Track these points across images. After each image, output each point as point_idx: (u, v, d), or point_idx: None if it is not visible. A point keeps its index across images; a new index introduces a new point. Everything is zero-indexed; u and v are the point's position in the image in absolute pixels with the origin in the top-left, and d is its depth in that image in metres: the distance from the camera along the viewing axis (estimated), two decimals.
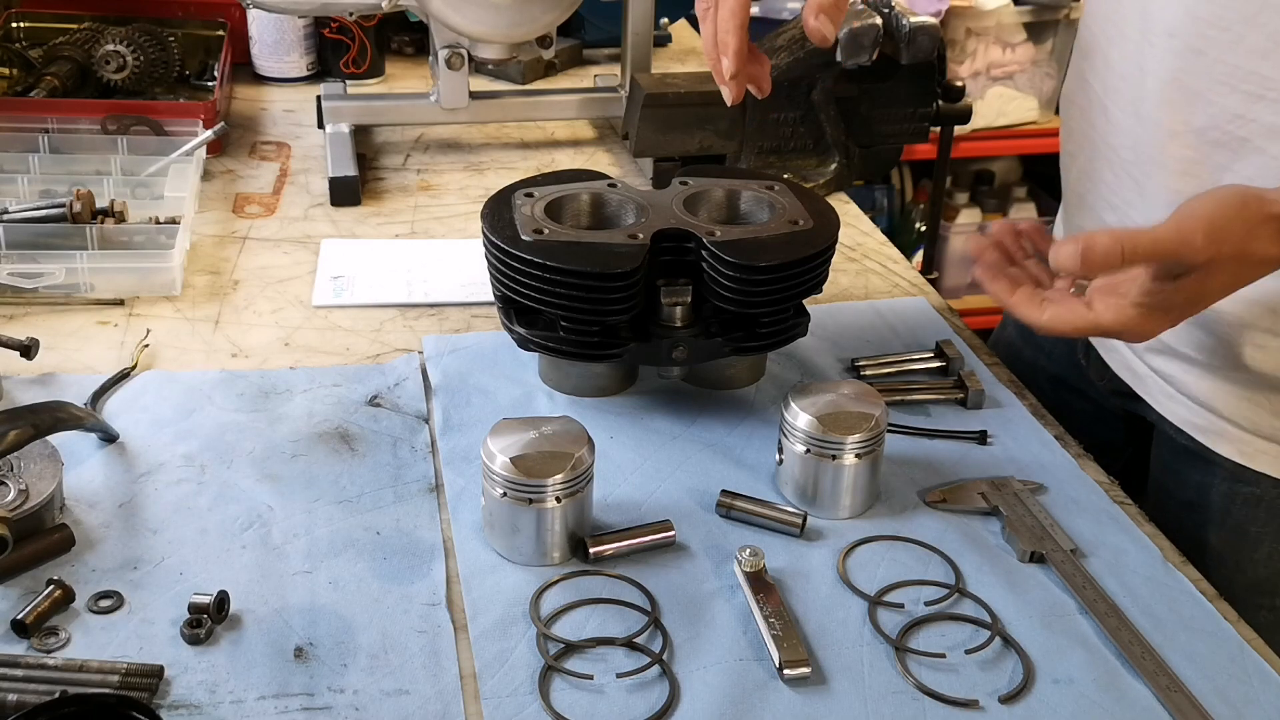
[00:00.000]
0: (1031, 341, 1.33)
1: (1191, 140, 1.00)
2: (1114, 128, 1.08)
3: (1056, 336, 0.90)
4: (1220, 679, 0.85)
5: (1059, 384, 1.25)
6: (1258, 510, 1.07)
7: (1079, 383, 1.26)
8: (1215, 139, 0.98)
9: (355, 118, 1.61)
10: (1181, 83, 0.99)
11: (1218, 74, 0.97)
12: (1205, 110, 0.98)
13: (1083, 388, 1.25)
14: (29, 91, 1.62)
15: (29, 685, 0.77)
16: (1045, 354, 1.31)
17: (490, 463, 0.91)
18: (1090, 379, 1.24)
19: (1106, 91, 1.09)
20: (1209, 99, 0.98)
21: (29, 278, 1.21)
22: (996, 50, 2.99)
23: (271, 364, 1.16)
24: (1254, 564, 1.09)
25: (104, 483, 0.98)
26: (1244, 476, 1.07)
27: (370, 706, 0.80)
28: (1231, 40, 0.95)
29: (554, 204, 1.10)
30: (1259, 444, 1.07)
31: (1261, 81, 0.94)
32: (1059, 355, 1.29)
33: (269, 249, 1.38)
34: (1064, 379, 1.26)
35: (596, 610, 0.89)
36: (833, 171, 1.52)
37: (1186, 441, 1.11)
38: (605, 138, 1.74)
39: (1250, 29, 0.94)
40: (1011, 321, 1.39)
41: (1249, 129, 0.96)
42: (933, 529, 0.98)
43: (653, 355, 1.07)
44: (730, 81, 0.99)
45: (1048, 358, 1.30)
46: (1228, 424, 1.08)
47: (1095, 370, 1.23)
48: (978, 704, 0.82)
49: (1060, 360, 1.29)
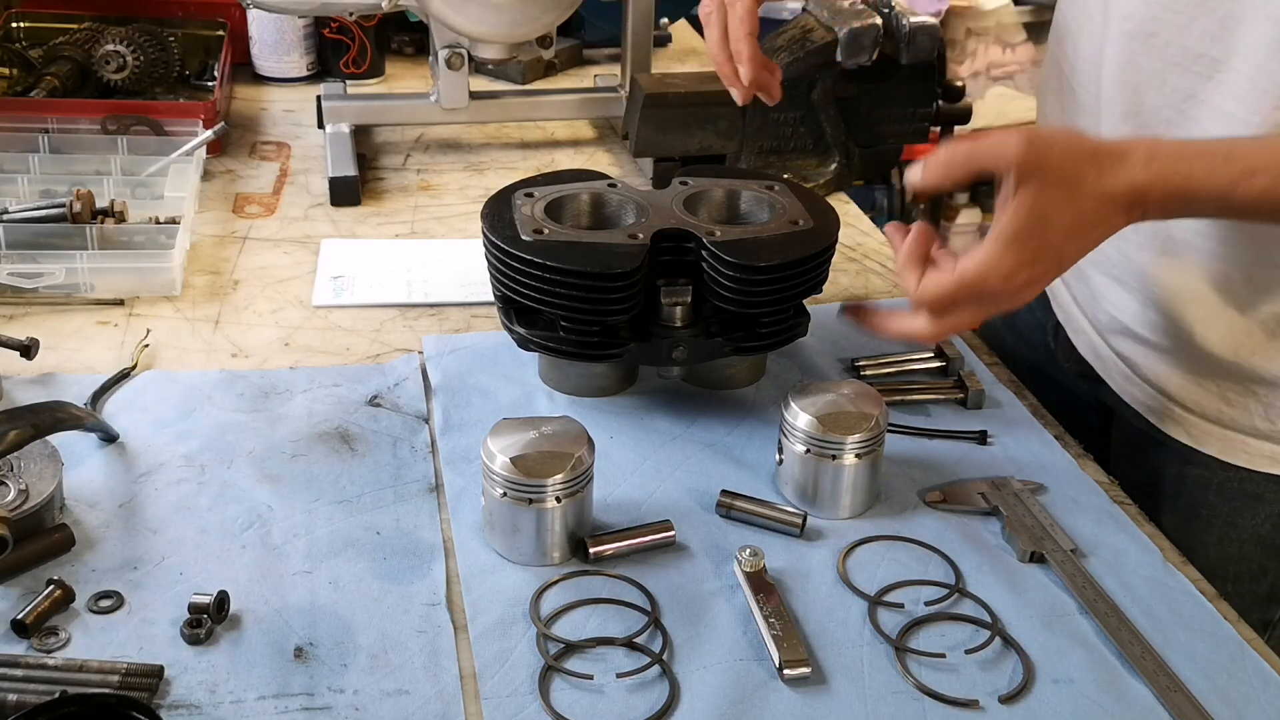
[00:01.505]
0: (1013, 328, 1.33)
1: (1145, 120, 1.02)
2: (1080, 110, 1.11)
3: (940, 318, 0.92)
4: (1220, 679, 0.85)
5: (1037, 372, 1.25)
6: (1207, 493, 1.09)
7: (1051, 369, 1.27)
8: (1167, 118, 1.01)
9: (355, 118, 1.61)
10: (1136, 65, 1.02)
11: (1170, 56, 0.99)
12: (1158, 90, 1.01)
13: (1054, 374, 1.26)
14: (29, 91, 1.62)
15: (29, 685, 0.77)
16: (1024, 340, 1.31)
17: (490, 463, 0.91)
18: (1059, 363, 1.25)
19: (1074, 74, 1.12)
20: (1162, 79, 1.00)
21: (29, 278, 1.21)
22: (996, 50, 3.00)
23: (271, 364, 1.16)
24: (1205, 546, 1.10)
25: (104, 483, 0.98)
26: (1194, 459, 1.09)
27: (370, 706, 0.80)
28: (1183, 23, 0.97)
29: (554, 204, 1.11)
30: (1205, 426, 1.09)
31: (1211, 64, 0.96)
32: (1035, 341, 1.30)
33: (269, 249, 1.38)
34: (1040, 366, 1.27)
35: (596, 610, 0.89)
36: (833, 171, 1.52)
37: (1141, 424, 1.13)
38: (605, 138, 1.74)
39: (1201, 12, 0.96)
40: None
41: (1199, 110, 0.98)
42: (933, 529, 0.98)
43: (653, 355, 1.07)
44: (742, 87, 1.00)
45: (1026, 344, 1.31)
46: (1177, 406, 1.11)
47: (1063, 352, 1.24)
48: (978, 704, 0.82)
49: (1036, 346, 1.30)
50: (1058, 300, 1.25)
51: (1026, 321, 1.31)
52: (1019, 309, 0.93)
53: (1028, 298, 0.91)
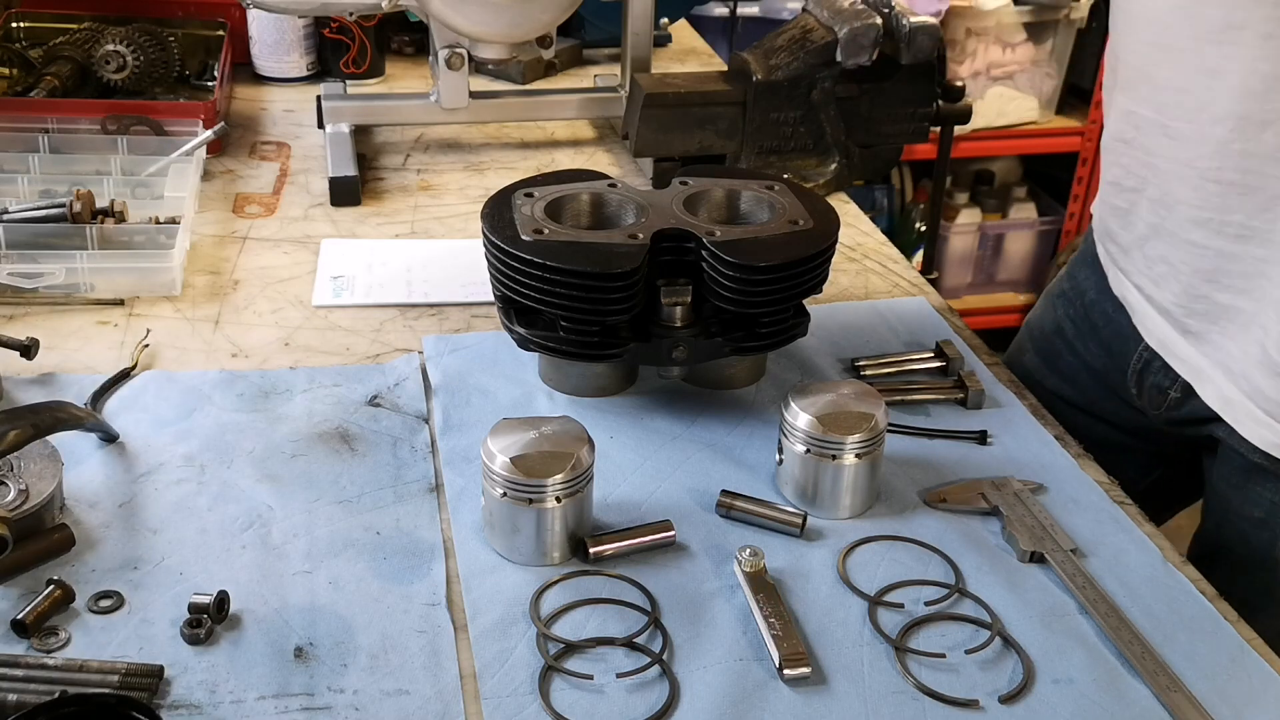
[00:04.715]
0: (1057, 369, 1.32)
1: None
2: (1181, 143, 1.06)
3: None
4: (1220, 679, 0.85)
5: (1080, 413, 1.24)
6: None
7: (1106, 412, 1.25)
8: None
9: (355, 118, 1.61)
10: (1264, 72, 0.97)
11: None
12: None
13: (1109, 416, 1.24)
14: (29, 91, 1.62)
15: (29, 685, 0.77)
16: (1071, 384, 1.29)
17: (490, 463, 0.91)
18: (1134, 406, 1.21)
19: (1163, 111, 1.07)
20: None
21: (29, 278, 1.21)
22: (996, 50, 2.99)
23: (271, 364, 1.16)
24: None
25: (104, 483, 0.98)
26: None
27: (370, 706, 0.80)
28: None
29: (554, 204, 1.11)
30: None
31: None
32: (1084, 384, 1.28)
33: (269, 249, 1.38)
34: (1085, 408, 1.25)
35: (596, 610, 0.89)
36: (833, 171, 1.52)
37: (1259, 459, 1.08)
38: (605, 138, 1.74)
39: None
40: (1031, 347, 1.38)
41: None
42: (933, 529, 0.98)
43: (653, 355, 1.07)
44: None
45: (1074, 388, 1.29)
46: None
47: (1149, 399, 1.19)
48: (978, 704, 0.82)
49: (1086, 390, 1.28)
50: (1175, 353, 1.15)
51: (1071, 365, 1.29)
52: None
53: None
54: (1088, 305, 1.28)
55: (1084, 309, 1.29)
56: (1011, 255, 3.32)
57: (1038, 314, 1.40)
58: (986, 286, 3.35)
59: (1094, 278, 1.27)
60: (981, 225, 3.27)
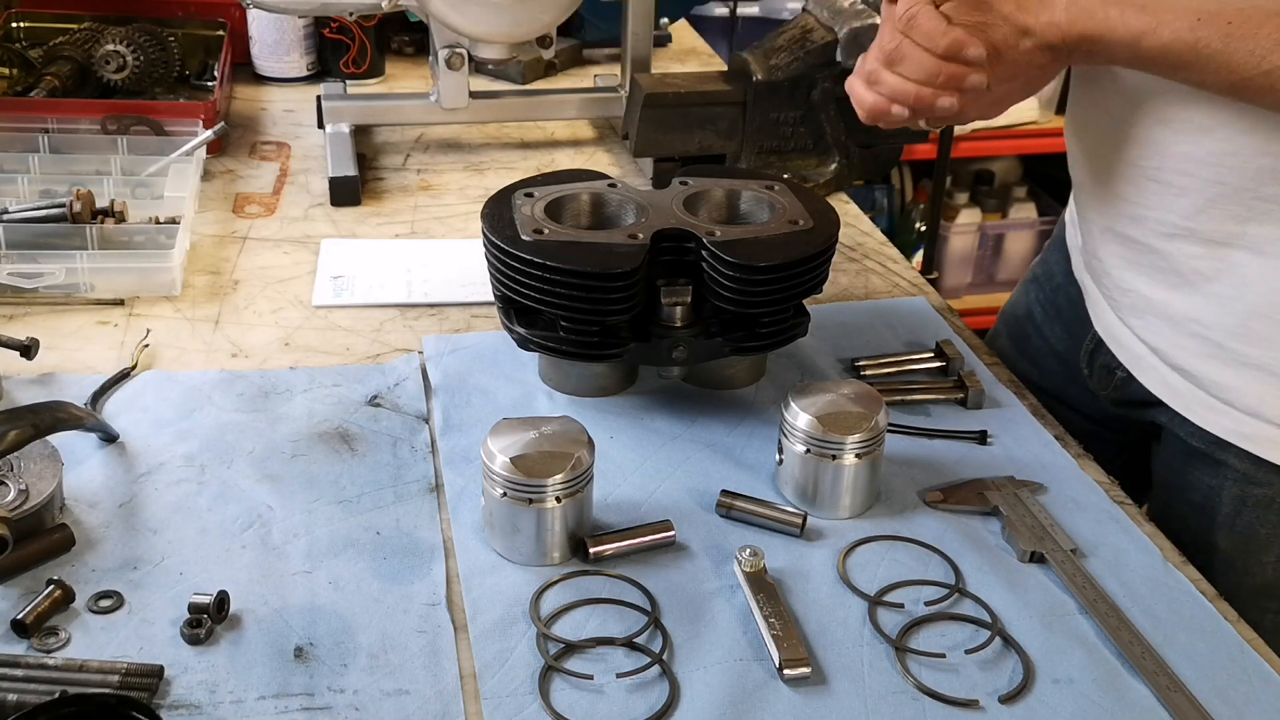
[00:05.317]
0: (1025, 353, 1.32)
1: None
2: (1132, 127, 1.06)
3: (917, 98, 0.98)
4: (1220, 679, 0.85)
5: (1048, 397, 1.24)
6: (1269, 513, 1.07)
7: (1069, 396, 1.25)
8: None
9: (355, 118, 1.61)
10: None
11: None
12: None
13: (1071, 400, 1.25)
14: (29, 91, 1.62)
15: (29, 685, 0.77)
16: (1038, 367, 1.30)
17: (490, 463, 0.91)
18: (1089, 389, 1.22)
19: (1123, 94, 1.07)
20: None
21: (29, 278, 1.21)
22: None
23: (271, 364, 1.16)
24: (1263, 567, 1.08)
25: (104, 483, 0.98)
26: (1256, 479, 1.07)
27: (370, 706, 0.80)
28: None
29: (554, 204, 1.11)
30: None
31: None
32: (1049, 368, 1.29)
33: (269, 249, 1.38)
34: (1052, 392, 1.26)
35: (596, 610, 0.89)
36: (833, 171, 1.52)
37: (1199, 444, 1.10)
38: (605, 138, 1.74)
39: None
40: (1004, 330, 1.39)
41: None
42: (933, 529, 0.98)
43: (653, 355, 1.07)
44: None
45: (1040, 371, 1.29)
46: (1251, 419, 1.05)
47: (1098, 380, 1.20)
48: (978, 704, 0.82)
49: (1051, 374, 1.28)
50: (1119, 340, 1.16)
51: (1039, 348, 1.30)
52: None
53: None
54: (1055, 288, 1.29)
55: (1052, 291, 1.30)
56: (1011, 255, 3.32)
57: (1013, 298, 1.40)
58: (986, 286, 3.34)
59: (1063, 261, 1.27)
60: (981, 225, 3.27)
